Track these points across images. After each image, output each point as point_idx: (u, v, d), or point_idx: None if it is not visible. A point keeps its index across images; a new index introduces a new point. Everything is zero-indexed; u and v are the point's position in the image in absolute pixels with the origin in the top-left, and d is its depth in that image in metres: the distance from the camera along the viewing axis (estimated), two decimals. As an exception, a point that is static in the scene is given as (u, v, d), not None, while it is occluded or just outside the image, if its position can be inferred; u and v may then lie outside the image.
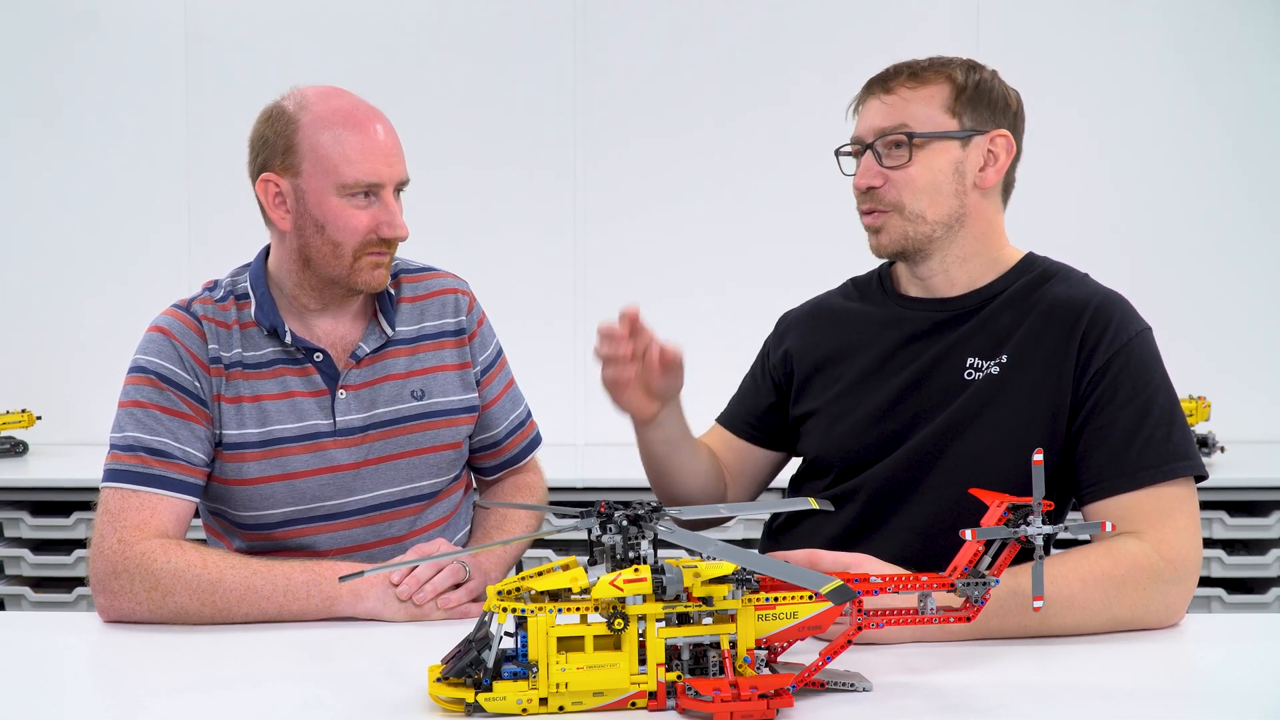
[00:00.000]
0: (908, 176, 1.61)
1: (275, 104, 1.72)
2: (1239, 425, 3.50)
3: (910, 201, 1.61)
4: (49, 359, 3.69)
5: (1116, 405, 1.53)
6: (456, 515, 1.86)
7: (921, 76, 1.63)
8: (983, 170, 1.63)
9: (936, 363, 1.64)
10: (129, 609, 1.57)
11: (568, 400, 3.67)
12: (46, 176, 3.68)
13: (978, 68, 1.66)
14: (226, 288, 1.76)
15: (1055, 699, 1.22)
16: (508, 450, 1.92)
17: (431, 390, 1.79)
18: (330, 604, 1.56)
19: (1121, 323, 1.57)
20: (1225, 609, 2.99)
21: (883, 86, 1.65)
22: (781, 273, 3.60)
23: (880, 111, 1.63)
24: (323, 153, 1.66)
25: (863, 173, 1.64)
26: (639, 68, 3.65)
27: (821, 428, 1.72)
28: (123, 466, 1.64)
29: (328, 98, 1.70)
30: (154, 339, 1.71)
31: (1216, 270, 3.65)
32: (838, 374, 1.73)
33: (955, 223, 1.64)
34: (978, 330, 1.63)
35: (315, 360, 1.74)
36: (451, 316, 1.84)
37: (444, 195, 3.60)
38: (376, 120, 1.70)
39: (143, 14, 3.65)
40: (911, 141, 1.60)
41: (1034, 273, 1.66)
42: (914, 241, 1.64)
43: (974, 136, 1.62)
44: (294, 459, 1.72)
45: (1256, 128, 3.62)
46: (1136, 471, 1.50)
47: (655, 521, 1.20)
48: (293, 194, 1.69)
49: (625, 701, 1.17)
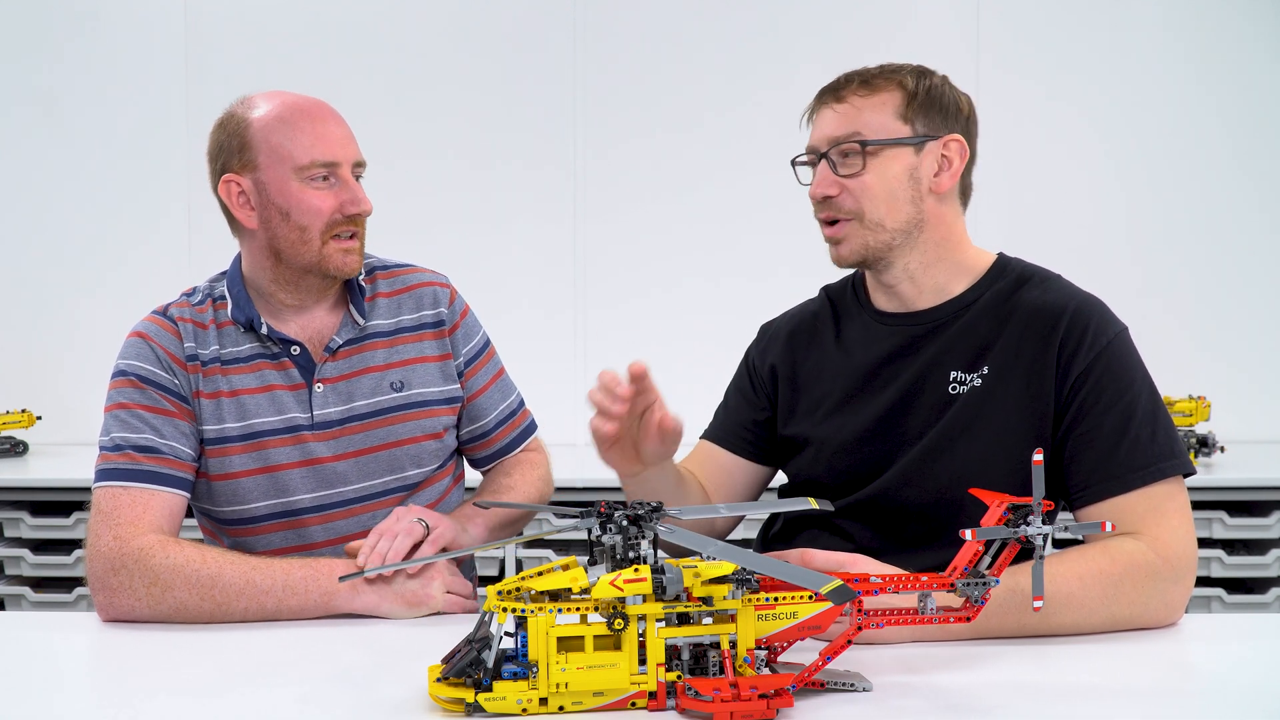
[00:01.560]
0: (863, 184, 1.61)
1: (225, 113, 1.78)
2: (1239, 425, 3.50)
3: (869, 209, 1.61)
4: (49, 359, 3.69)
5: (1101, 409, 1.54)
6: (444, 503, 1.87)
7: (873, 84, 1.63)
8: (937, 175, 1.63)
9: (920, 379, 1.64)
10: (128, 605, 1.57)
11: (568, 399, 3.65)
12: (46, 175, 3.68)
13: (928, 73, 1.66)
14: (204, 292, 1.80)
15: (1055, 699, 1.22)
16: (498, 440, 1.93)
17: (411, 381, 1.81)
18: (329, 599, 1.57)
19: (1099, 326, 1.57)
20: (1225, 609, 2.99)
21: (834, 95, 1.65)
22: (783, 266, 3.59)
23: (833, 120, 1.64)
24: (276, 142, 1.71)
25: (819, 182, 1.65)
26: (639, 62, 3.66)
27: (811, 452, 1.72)
28: (112, 466, 1.66)
29: (273, 95, 1.76)
30: (132, 343, 1.75)
31: (1217, 270, 3.65)
32: (822, 395, 1.73)
33: (914, 229, 1.63)
34: (956, 342, 1.63)
35: (293, 354, 1.77)
36: (430, 309, 1.86)
37: (443, 189, 3.60)
38: (327, 108, 1.75)
39: (142, 10, 3.65)
40: (865, 149, 1.61)
41: (1008, 278, 1.66)
42: (874, 250, 1.63)
43: (927, 142, 1.62)
44: (274, 452, 1.74)
45: (1259, 127, 3.62)
46: (1125, 473, 1.51)
47: (655, 521, 1.20)
48: (254, 189, 1.73)
49: (625, 701, 1.17)
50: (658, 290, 3.69)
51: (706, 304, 3.67)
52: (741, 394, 1.85)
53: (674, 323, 3.68)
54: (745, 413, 1.83)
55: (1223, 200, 3.64)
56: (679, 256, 3.68)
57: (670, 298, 3.70)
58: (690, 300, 3.69)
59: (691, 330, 3.67)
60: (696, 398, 2.04)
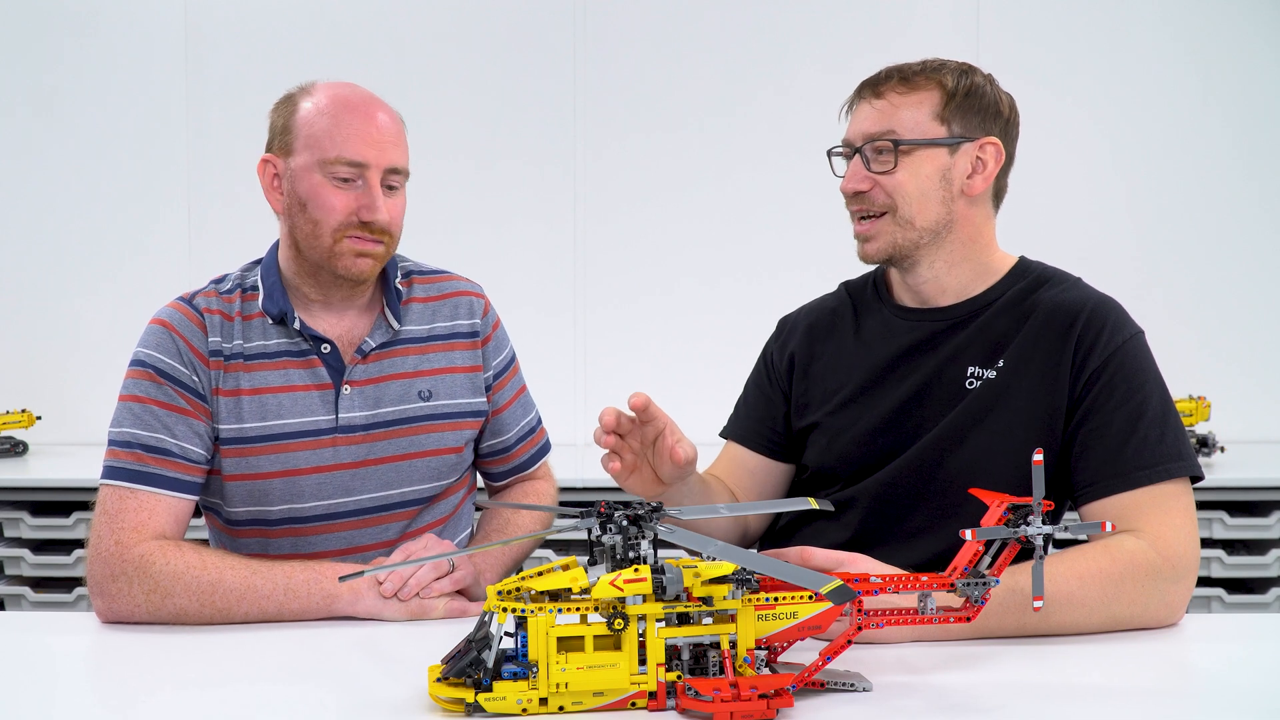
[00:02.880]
0: (895, 182, 1.61)
1: (286, 93, 1.75)
2: (1239, 425, 3.50)
3: (901, 206, 1.61)
4: (49, 359, 3.69)
5: (1111, 407, 1.54)
6: (456, 516, 1.85)
7: (912, 81, 1.62)
8: (970, 177, 1.63)
9: (938, 374, 1.64)
10: (128, 611, 1.56)
11: (568, 399, 3.67)
12: (46, 176, 3.68)
13: (971, 72, 1.65)
14: (235, 281, 1.76)
15: (1055, 699, 1.22)
16: (517, 457, 1.92)
17: (439, 391, 1.78)
18: (330, 602, 1.56)
19: (1116, 326, 1.58)
20: (1225, 609, 2.99)
21: (873, 90, 1.64)
22: (783, 265, 3.60)
23: (870, 116, 1.63)
24: (314, 131, 1.67)
25: (850, 177, 1.65)
26: (640, 61, 3.66)
27: (824, 441, 1.72)
28: (120, 464, 1.64)
29: (334, 86, 1.72)
30: (154, 331, 1.70)
31: (1217, 270, 3.65)
32: (837, 386, 1.73)
33: (942, 229, 1.63)
34: (975, 338, 1.64)
35: (323, 352, 1.73)
36: (465, 318, 1.83)
37: (443, 188, 3.60)
38: (377, 108, 1.70)
39: (142, 10, 3.65)
40: (898, 149, 1.60)
41: (1028, 279, 1.66)
42: (902, 248, 1.64)
43: (962, 143, 1.62)
44: (295, 455, 1.70)
45: (1260, 127, 3.62)
46: (1131, 472, 1.51)
47: (655, 521, 1.20)
48: (286, 174, 1.70)
49: (625, 701, 1.17)
50: (658, 289, 3.69)
51: (707, 303, 3.67)
52: (760, 389, 1.85)
53: (674, 322, 3.68)
54: (764, 408, 1.83)
55: (1223, 200, 3.64)
56: (679, 256, 3.68)
57: (670, 297, 3.70)
58: (690, 300, 3.69)
59: (692, 330, 3.67)
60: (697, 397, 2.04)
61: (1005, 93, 1.68)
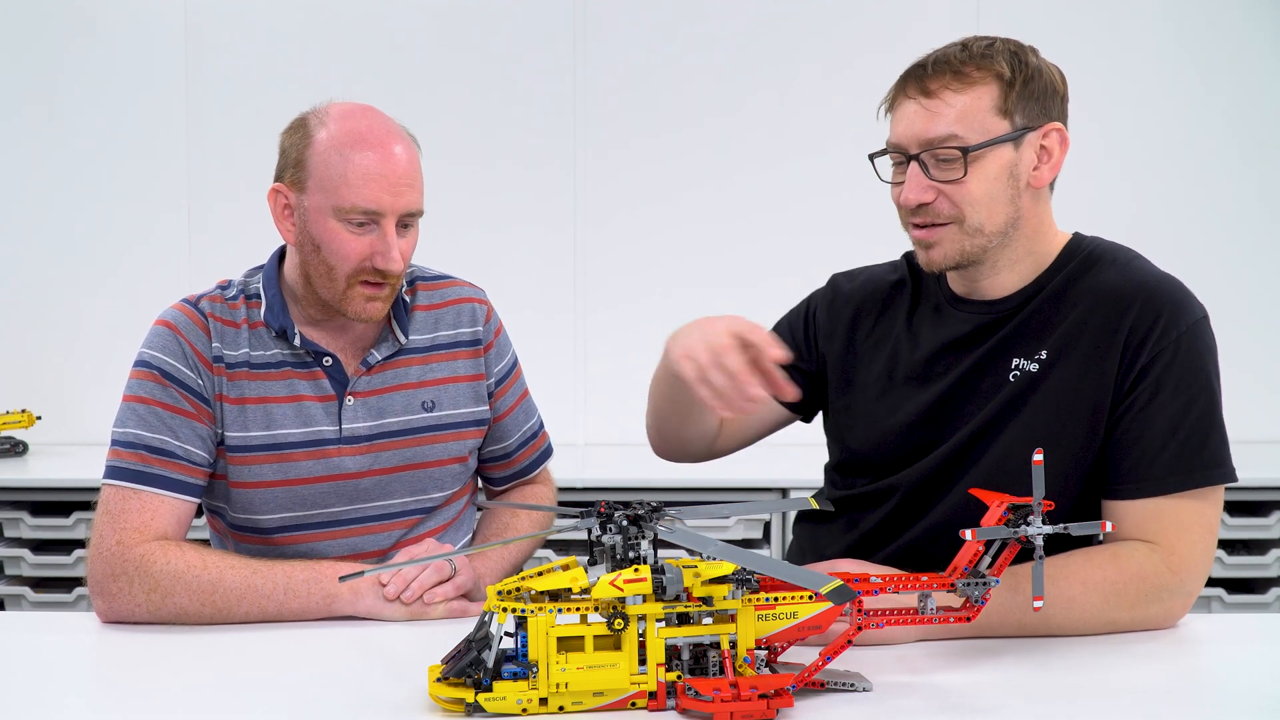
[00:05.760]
0: (965, 191, 1.48)
1: (301, 115, 1.70)
2: (1239, 425, 3.48)
3: (970, 215, 1.49)
4: (49, 359, 3.69)
5: (1156, 406, 1.46)
6: (459, 521, 1.85)
7: (965, 74, 1.48)
8: (1036, 169, 1.51)
9: (982, 366, 1.56)
10: (128, 611, 1.56)
11: (568, 400, 3.67)
12: (46, 176, 3.68)
13: (1021, 52, 1.51)
14: (239, 287, 1.75)
15: (1055, 699, 1.22)
16: (518, 462, 1.91)
17: (442, 402, 1.78)
18: (330, 602, 1.56)
19: (1172, 317, 1.48)
20: (1225, 609, 2.98)
21: (921, 88, 1.49)
22: (783, 268, 3.59)
23: (923, 118, 1.48)
24: (328, 173, 1.63)
25: (911, 188, 1.50)
26: (640, 63, 3.65)
27: (863, 426, 1.65)
28: (123, 464, 1.64)
29: (349, 117, 1.66)
30: (159, 333, 1.70)
31: (1218, 269, 3.64)
32: (881, 369, 1.65)
33: (1010, 228, 1.52)
34: (1021, 329, 1.55)
35: (324, 365, 1.73)
36: (468, 326, 1.82)
37: (443, 190, 3.59)
38: (393, 145, 1.65)
39: (142, 10, 3.65)
40: (966, 155, 1.46)
41: (1077, 260, 1.56)
42: (970, 255, 1.52)
43: (1026, 134, 1.49)
44: (298, 465, 1.70)
45: (1260, 125, 3.62)
46: (1165, 477, 1.46)
47: (655, 521, 1.20)
48: (299, 209, 1.67)
49: (625, 701, 1.17)
50: (658, 291, 3.69)
51: (707, 305, 3.63)
52: (790, 331, 1.76)
53: (674, 324, 3.66)
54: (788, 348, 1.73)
55: (1223, 199, 3.64)
56: (679, 258, 3.67)
57: (671, 299, 3.69)
58: (691, 302, 3.66)
59: (692, 330, 3.66)
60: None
61: (1052, 64, 1.54)
